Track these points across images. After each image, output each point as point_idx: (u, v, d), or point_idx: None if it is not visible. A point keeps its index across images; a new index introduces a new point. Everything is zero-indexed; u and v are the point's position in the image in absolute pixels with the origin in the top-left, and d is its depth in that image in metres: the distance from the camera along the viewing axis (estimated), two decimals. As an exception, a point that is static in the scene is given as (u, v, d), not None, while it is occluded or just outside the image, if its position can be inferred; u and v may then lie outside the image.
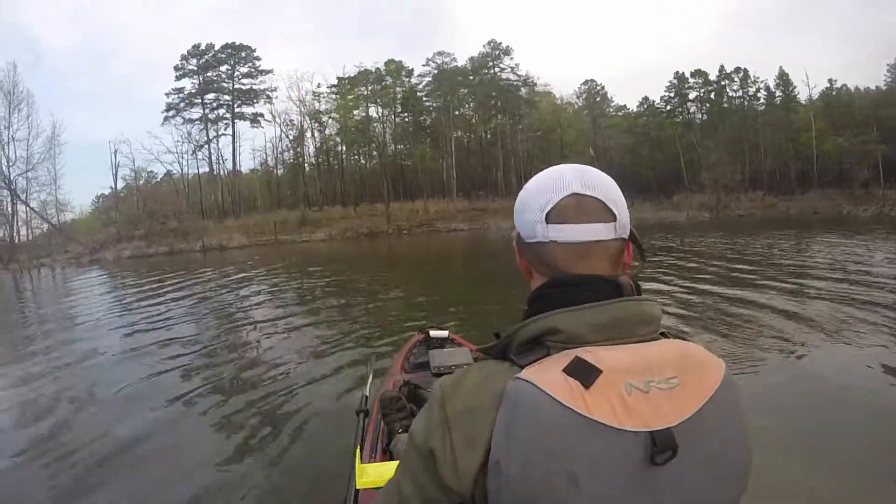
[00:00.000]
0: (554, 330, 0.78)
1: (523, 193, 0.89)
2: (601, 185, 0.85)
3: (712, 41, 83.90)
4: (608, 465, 0.70)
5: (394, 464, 2.23)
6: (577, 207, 0.82)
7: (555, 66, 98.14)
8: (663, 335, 0.83)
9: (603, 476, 0.70)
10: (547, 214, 0.83)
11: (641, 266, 0.90)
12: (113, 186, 46.77)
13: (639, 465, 0.71)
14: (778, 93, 51.76)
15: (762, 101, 52.56)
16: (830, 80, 50.43)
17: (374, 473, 2.13)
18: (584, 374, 0.71)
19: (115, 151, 45.78)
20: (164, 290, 15.11)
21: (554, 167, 0.89)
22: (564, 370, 0.72)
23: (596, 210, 0.83)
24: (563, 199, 0.82)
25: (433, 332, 4.12)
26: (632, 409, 0.71)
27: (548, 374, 0.72)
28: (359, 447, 2.61)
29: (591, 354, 0.73)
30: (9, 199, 40.59)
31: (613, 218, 0.83)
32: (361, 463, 2.27)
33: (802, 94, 50.60)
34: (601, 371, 0.71)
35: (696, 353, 0.79)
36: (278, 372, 6.05)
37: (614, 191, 0.85)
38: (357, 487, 2.05)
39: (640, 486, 0.71)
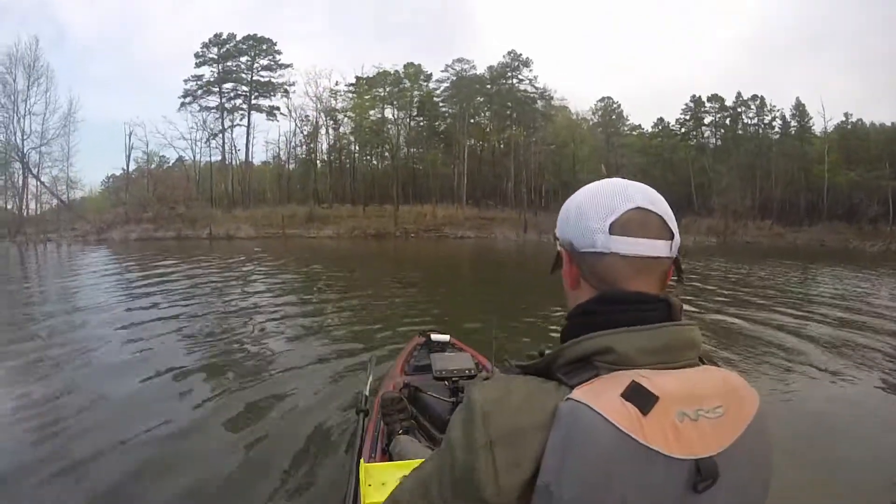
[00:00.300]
0: (608, 350, 0.76)
1: (578, 201, 0.86)
2: (661, 202, 0.84)
3: (730, 67, 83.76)
4: (657, 492, 0.70)
5: (396, 465, 2.28)
6: (642, 222, 0.80)
7: (571, 81, 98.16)
8: (700, 360, 0.82)
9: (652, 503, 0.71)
10: (610, 225, 0.80)
11: (680, 288, 0.90)
12: (125, 168, 46.78)
13: (681, 493, 0.71)
14: (793, 123, 51.68)
15: (777, 129, 52.47)
16: (846, 114, 50.38)
17: (376, 473, 2.16)
18: (643, 400, 0.70)
19: (130, 133, 45.88)
20: (170, 276, 15.15)
21: (606, 180, 0.88)
22: (622, 395, 0.70)
23: (658, 226, 0.81)
24: (627, 212, 0.80)
25: (434, 336, 4.16)
26: (682, 437, 0.70)
27: (604, 398, 0.70)
28: (359, 446, 2.67)
29: (647, 380, 0.72)
30: (20, 172, 40.99)
31: (671, 236, 0.82)
32: (365, 462, 2.30)
33: (818, 126, 50.62)
34: (658, 398, 0.70)
35: (736, 383, 0.79)
36: (278, 368, 6.06)
37: (669, 210, 0.84)
38: (364, 503, 2.07)
39: None
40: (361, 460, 2.23)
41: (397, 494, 0.87)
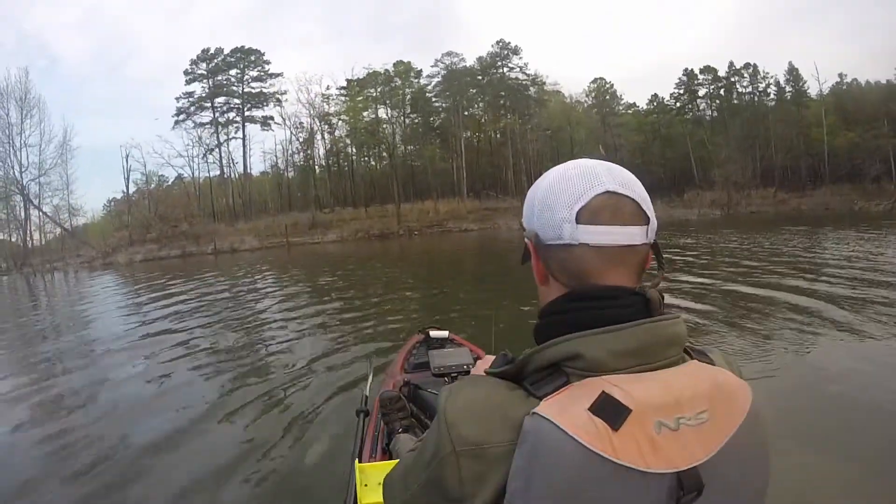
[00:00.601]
0: (576, 356, 0.70)
1: (543, 189, 0.79)
2: (633, 183, 0.77)
3: (721, 37, 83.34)
4: None
5: (390, 464, 2.27)
6: (614, 208, 0.73)
7: (563, 65, 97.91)
8: (686, 351, 0.77)
9: None
10: (577, 213, 0.74)
11: (660, 277, 0.81)
12: (125, 190, 47.00)
13: None
14: (788, 88, 51.37)
15: (772, 96, 52.17)
16: (840, 75, 50.12)
17: (373, 473, 2.15)
18: (613, 414, 0.64)
19: (127, 156, 46.06)
20: (175, 293, 15.20)
21: (575, 161, 0.81)
22: (590, 409, 0.64)
23: (631, 212, 0.75)
24: (596, 198, 0.73)
25: (433, 333, 4.14)
26: (660, 449, 0.65)
27: (571, 414, 0.64)
28: (359, 447, 2.66)
29: (618, 389, 0.66)
30: (22, 204, 41.32)
31: (647, 221, 0.76)
32: (360, 462, 2.30)
33: (812, 89, 50.21)
34: (630, 410, 0.64)
35: (725, 382, 0.72)
36: (280, 371, 6.14)
37: (644, 191, 0.78)
38: (362, 503, 2.07)
39: None
40: (358, 459, 2.22)
41: (387, 481, 0.88)
